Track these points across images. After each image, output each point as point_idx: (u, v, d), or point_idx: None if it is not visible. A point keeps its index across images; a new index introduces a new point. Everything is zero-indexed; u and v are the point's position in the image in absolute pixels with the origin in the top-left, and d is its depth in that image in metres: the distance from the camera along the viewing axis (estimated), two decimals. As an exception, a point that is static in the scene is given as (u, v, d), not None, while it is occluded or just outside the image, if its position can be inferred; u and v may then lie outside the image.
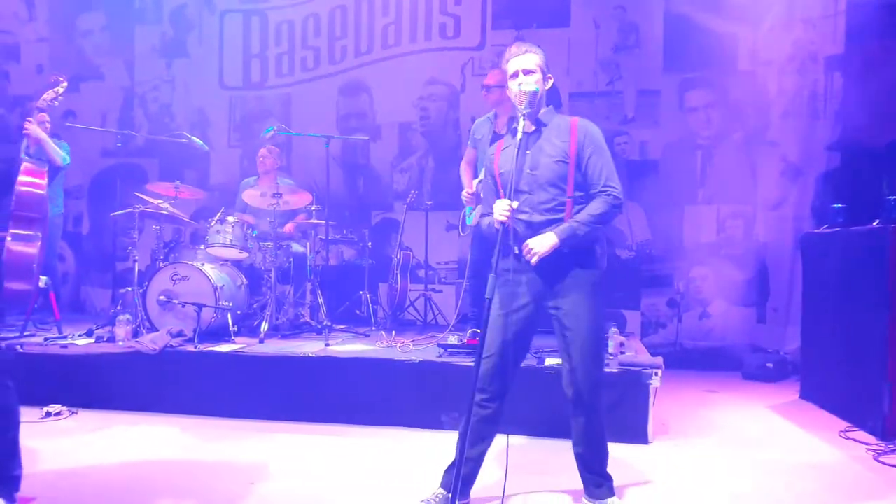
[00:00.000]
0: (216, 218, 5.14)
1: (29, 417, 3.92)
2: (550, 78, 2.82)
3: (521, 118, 2.69)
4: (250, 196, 5.39)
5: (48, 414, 4.08)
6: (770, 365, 5.65)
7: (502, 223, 2.59)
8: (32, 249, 4.77)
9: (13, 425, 2.75)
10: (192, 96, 7.26)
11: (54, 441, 3.67)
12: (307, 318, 5.46)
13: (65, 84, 5.17)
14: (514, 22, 6.59)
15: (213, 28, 7.21)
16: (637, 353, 4.59)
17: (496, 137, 4.60)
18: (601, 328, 2.84)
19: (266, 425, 4.09)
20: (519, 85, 2.72)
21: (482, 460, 2.81)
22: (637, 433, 3.83)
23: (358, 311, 5.88)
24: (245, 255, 5.21)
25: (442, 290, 6.23)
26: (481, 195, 4.60)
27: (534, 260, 2.66)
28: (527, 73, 2.73)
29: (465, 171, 4.83)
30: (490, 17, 6.70)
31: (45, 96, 5.09)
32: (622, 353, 4.32)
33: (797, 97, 6.13)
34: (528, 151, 2.74)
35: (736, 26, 6.24)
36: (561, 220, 2.70)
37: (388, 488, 3.11)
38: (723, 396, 5.09)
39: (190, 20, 7.28)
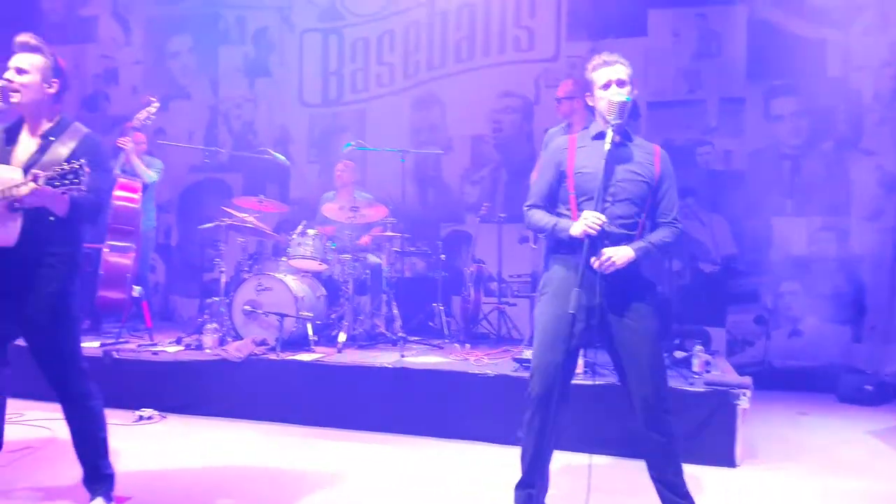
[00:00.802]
0: (297, 231, 5.28)
1: (123, 420, 4.12)
2: (636, 91, 2.78)
3: (610, 129, 2.65)
4: (329, 209, 5.52)
5: (140, 417, 4.27)
6: (869, 387, 5.31)
7: (588, 235, 2.56)
8: (127, 261, 5.06)
9: (100, 426, 2.89)
10: (274, 114, 7.51)
11: (146, 443, 3.83)
12: (382, 329, 5.53)
13: (157, 104, 5.46)
14: (590, 33, 6.53)
15: (293, 47, 7.45)
16: (723, 372, 4.42)
17: (572, 148, 4.56)
18: (661, 347, 2.77)
19: (343, 434, 4.15)
20: (612, 95, 2.68)
21: (547, 477, 2.76)
22: (724, 456, 3.67)
23: (431, 323, 5.90)
24: (324, 266, 5.33)
25: (516, 304, 6.18)
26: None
27: (610, 269, 2.61)
28: (621, 83, 2.70)
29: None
30: (564, 28, 6.65)
31: (138, 116, 5.39)
32: (708, 371, 4.17)
33: (895, 103, 5.82)
34: (613, 162, 2.68)
35: (825, 31, 5.99)
36: (633, 237, 2.67)
37: (462, 501, 3.10)
38: (816, 419, 4.83)
39: (271, 40, 7.54)
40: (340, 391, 4.33)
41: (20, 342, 2.82)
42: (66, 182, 2.43)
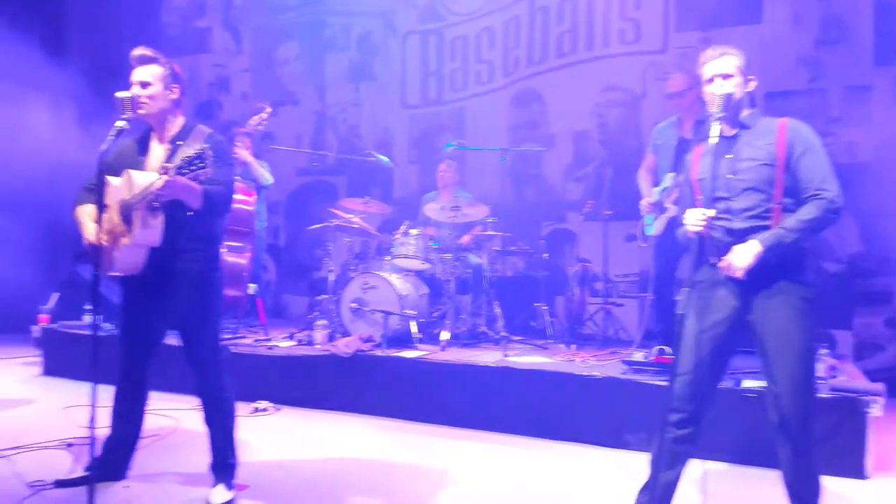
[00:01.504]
0: (401, 231, 5.38)
1: (240, 412, 4.28)
2: (752, 80, 2.66)
3: (717, 122, 2.54)
4: (431, 209, 5.59)
5: (256, 409, 4.46)
6: None
7: (696, 233, 2.47)
8: (243, 260, 5.31)
9: (231, 417, 3.05)
10: (378, 116, 7.67)
11: (262, 434, 4.00)
12: (484, 329, 5.53)
13: (269, 110, 5.70)
14: (700, 22, 6.25)
15: (395, 50, 7.58)
16: (851, 377, 4.13)
17: (682, 142, 4.39)
18: (811, 349, 2.57)
19: (447, 431, 4.18)
20: (714, 88, 2.59)
21: (676, 485, 2.66)
22: (853, 467, 3.43)
23: (533, 323, 5.85)
24: (427, 265, 5.39)
25: (623, 304, 6.02)
26: (664, 203, 4.43)
27: (738, 274, 2.48)
28: (725, 77, 2.59)
29: (643, 178, 4.66)
30: (673, 18, 6.41)
31: (251, 122, 5.65)
32: (834, 377, 3.91)
33: None
34: (727, 156, 2.58)
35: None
36: (767, 227, 2.50)
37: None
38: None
39: (375, 45, 7.71)
40: (444, 388, 4.36)
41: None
42: (194, 168, 2.55)
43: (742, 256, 2.47)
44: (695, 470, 2.66)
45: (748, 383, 3.69)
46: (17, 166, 6.28)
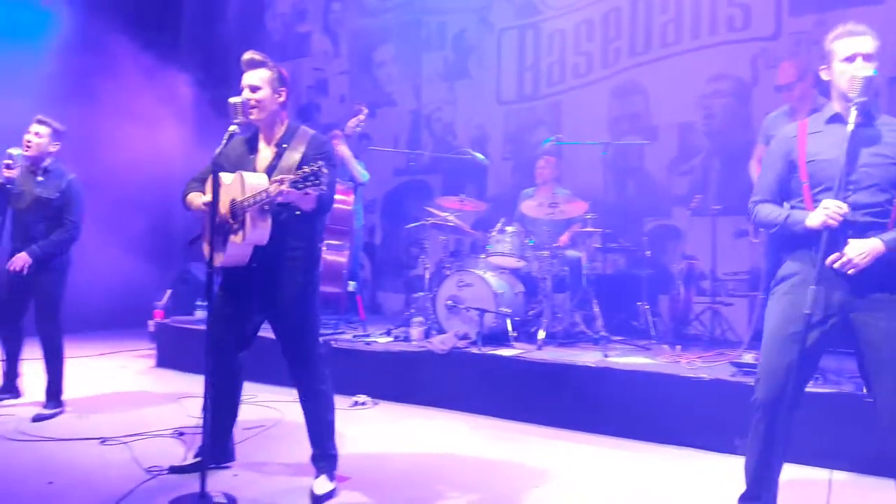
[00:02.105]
0: (496, 228, 5.33)
1: (339, 405, 4.37)
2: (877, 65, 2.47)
3: (854, 108, 2.36)
4: (528, 206, 5.51)
5: (356, 403, 4.55)
6: None
7: (827, 226, 2.29)
8: (342, 258, 5.43)
9: (330, 410, 3.11)
10: (473, 114, 7.65)
11: (361, 428, 4.06)
12: (583, 328, 5.40)
13: (366, 111, 5.80)
14: (816, 4, 5.84)
15: (491, 47, 7.54)
16: None
17: (798, 134, 4.11)
18: None
19: (544, 431, 4.11)
20: (856, 70, 2.38)
21: (774, 491, 2.50)
22: None
23: (634, 323, 5.65)
24: (522, 263, 5.32)
25: (732, 304, 5.71)
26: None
27: (851, 271, 2.32)
28: (867, 57, 2.40)
29: (755, 170, 4.40)
30: (786, 1, 6.03)
31: (349, 123, 5.76)
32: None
33: None
34: (854, 145, 2.39)
35: None
36: (884, 224, 2.35)
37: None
38: None
39: (470, 43, 7.70)
40: (541, 387, 4.28)
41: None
42: (308, 184, 2.62)
43: (862, 253, 2.31)
44: (819, 479, 2.47)
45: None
46: (131, 171, 6.71)
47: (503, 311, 4.88)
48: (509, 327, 4.92)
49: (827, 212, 2.30)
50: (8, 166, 4.09)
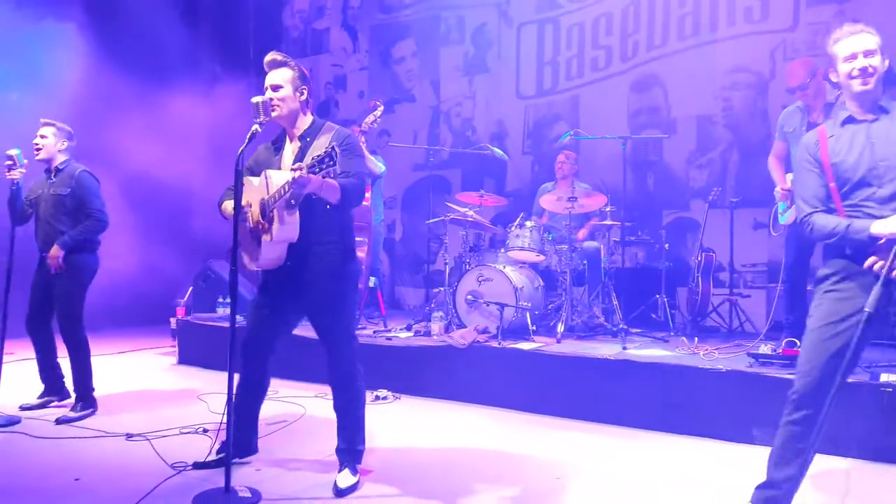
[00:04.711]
0: (516, 223, 5.37)
1: (363, 399, 4.49)
2: (887, 60, 2.49)
3: (857, 105, 2.40)
4: (547, 201, 5.53)
5: (377, 397, 4.62)
6: None
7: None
8: (361, 254, 5.48)
9: (360, 405, 3.15)
10: (492, 108, 7.68)
11: (383, 421, 4.13)
12: (602, 321, 5.42)
13: (381, 108, 5.85)
14: (834, -6, 5.79)
15: (510, 42, 7.55)
16: None
17: (812, 128, 4.09)
18: None
19: (564, 423, 4.16)
20: (858, 66, 2.42)
21: (797, 482, 2.51)
22: None
23: (653, 315, 5.67)
24: (542, 257, 5.35)
25: (750, 295, 5.70)
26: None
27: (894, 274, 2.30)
28: (868, 54, 2.43)
29: (774, 165, 4.38)
30: (805, -8, 5.98)
31: (367, 120, 5.81)
32: None
33: None
34: (872, 141, 2.42)
35: None
36: None
37: (690, 498, 2.95)
38: None
39: (489, 37, 7.71)
40: (561, 381, 4.32)
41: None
42: (324, 166, 2.64)
43: None
44: (837, 469, 2.49)
45: (886, 377, 3.43)
46: (153, 172, 6.82)
47: (523, 306, 4.91)
48: (529, 321, 4.95)
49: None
50: (9, 167, 4.10)
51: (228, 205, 3.10)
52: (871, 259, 2.34)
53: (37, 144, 4.22)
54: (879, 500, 2.90)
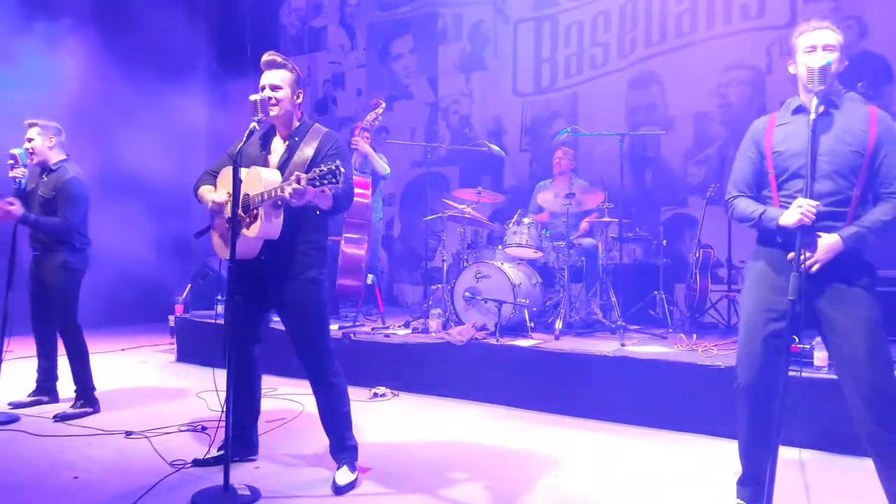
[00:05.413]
0: (513, 220, 5.37)
1: (359, 397, 4.49)
2: (845, 61, 2.54)
3: (814, 98, 2.42)
4: (544, 198, 5.53)
5: (375, 395, 4.62)
6: None
7: (802, 224, 2.35)
8: (361, 251, 5.50)
9: (345, 401, 3.16)
10: (489, 106, 7.68)
11: (381, 419, 4.14)
12: (600, 317, 5.43)
13: (384, 105, 5.85)
14: (832, -11, 5.79)
15: (507, 39, 7.55)
16: None
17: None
18: (884, 337, 2.43)
19: (562, 420, 4.16)
20: (812, 60, 2.46)
21: (770, 474, 2.52)
22: None
23: (652, 312, 5.68)
24: (539, 254, 5.36)
25: (748, 292, 5.70)
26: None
27: (814, 269, 2.38)
28: (826, 48, 2.47)
29: None
30: (801, -12, 5.98)
31: (368, 117, 5.81)
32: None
33: None
34: (820, 137, 2.45)
35: None
36: (844, 214, 2.41)
37: (688, 495, 2.97)
38: None
39: (486, 35, 7.71)
40: (559, 377, 4.33)
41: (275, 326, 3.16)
42: (325, 182, 2.65)
43: (824, 253, 2.39)
44: (794, 460, 2.53)
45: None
46: (150, 169, 6.81)
47: (521, 302, 4.92)
48: (527, 318, 4.96)
49: (801, 210, 2.35)
50: (11, 166, 4.11)
51: (205, 192, 3.14)
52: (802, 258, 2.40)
53: (28, 149, 4.21)
54: (835, 489, 2.94)
